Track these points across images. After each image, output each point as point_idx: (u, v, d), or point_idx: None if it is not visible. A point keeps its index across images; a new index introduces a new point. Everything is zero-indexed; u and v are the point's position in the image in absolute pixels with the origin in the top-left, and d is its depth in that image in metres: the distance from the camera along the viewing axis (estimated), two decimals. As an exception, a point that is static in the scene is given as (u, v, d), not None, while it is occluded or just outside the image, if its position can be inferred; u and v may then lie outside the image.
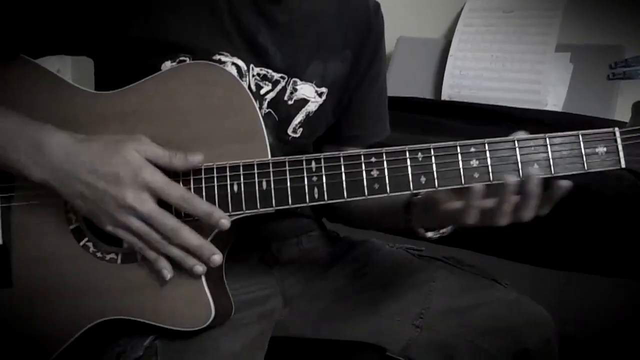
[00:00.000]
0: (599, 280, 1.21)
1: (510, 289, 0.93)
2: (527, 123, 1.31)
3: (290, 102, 0.90)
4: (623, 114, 1.33)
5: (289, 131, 0.91)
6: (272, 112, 0.89)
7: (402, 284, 0.95)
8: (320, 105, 0.93)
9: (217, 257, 0.76)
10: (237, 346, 0.82)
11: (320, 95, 0.92)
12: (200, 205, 0.74)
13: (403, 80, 1.05)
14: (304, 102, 0.91)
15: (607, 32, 1.42)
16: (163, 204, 0.75)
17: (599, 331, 1.51)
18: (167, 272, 0.76)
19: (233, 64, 0.85)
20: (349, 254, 1.05)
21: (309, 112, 0.92)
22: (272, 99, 0.89)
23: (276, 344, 0.93)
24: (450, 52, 1.49)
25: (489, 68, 1.44)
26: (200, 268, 0.75)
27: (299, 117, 0.91)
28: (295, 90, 0.90)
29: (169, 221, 0.74)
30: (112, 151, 0.74)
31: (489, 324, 0.88)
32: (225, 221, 0.74)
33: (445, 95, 1.48)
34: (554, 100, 1.39)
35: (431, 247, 1.01)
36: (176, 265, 0.76)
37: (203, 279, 0.76)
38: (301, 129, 0.92)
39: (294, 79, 0.90)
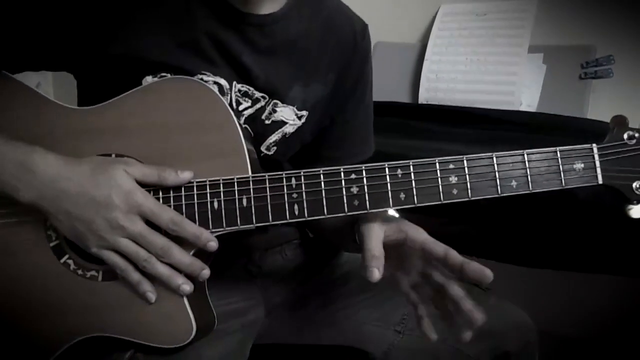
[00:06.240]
0: (599, 282, 1.23)
1: (490, 294, 0.94)
2: (502, 124, 1.32)
3: (267, 122, 0.89)
4: (595, 112, 1.35)
5: (262, 148, 0.90)
6: (249, 127, 0.88)
7: (384, 289, 0.96)
8: (299, 127, 0.92)
9: (207, 272, 0.76)
10: (217, 354, 0.83)
11: (299, 118, 0.92)
12: (189, 228, 0.74)
13: (381, 84, 1.05)
14: (281, 123, 0.90)
15: (578, 33, 1.44)
16: (149, 223, 0.75)
17: (598, 332, 1.53)
18: (152, 295, 0.75)
19: (215, 82, 0.84)
20: (332, 261, 1.06)
21: (286, 134, 0.91)
22: (250, 116, 0.88)
23: (260, 350, 0.94)
24: (426, 57, 1.50)
25: (464, 71, 1.44)
26: (187, 287, 0.75)
27: (275, 137, 0.90)
28: (275, 111, 0.89)
29: (159, 240, 0.74)
30: (102, 173, 0.74)
31: (470, 328, 0.89)
32: (213, 243, 0.75)
33: (422, 98, 1.49)
34: (528, 100, 1.40)
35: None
36: (157, 283, 0.76)
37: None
38: (275, 148, 0.91)
39: (274, 101, 0.89)
